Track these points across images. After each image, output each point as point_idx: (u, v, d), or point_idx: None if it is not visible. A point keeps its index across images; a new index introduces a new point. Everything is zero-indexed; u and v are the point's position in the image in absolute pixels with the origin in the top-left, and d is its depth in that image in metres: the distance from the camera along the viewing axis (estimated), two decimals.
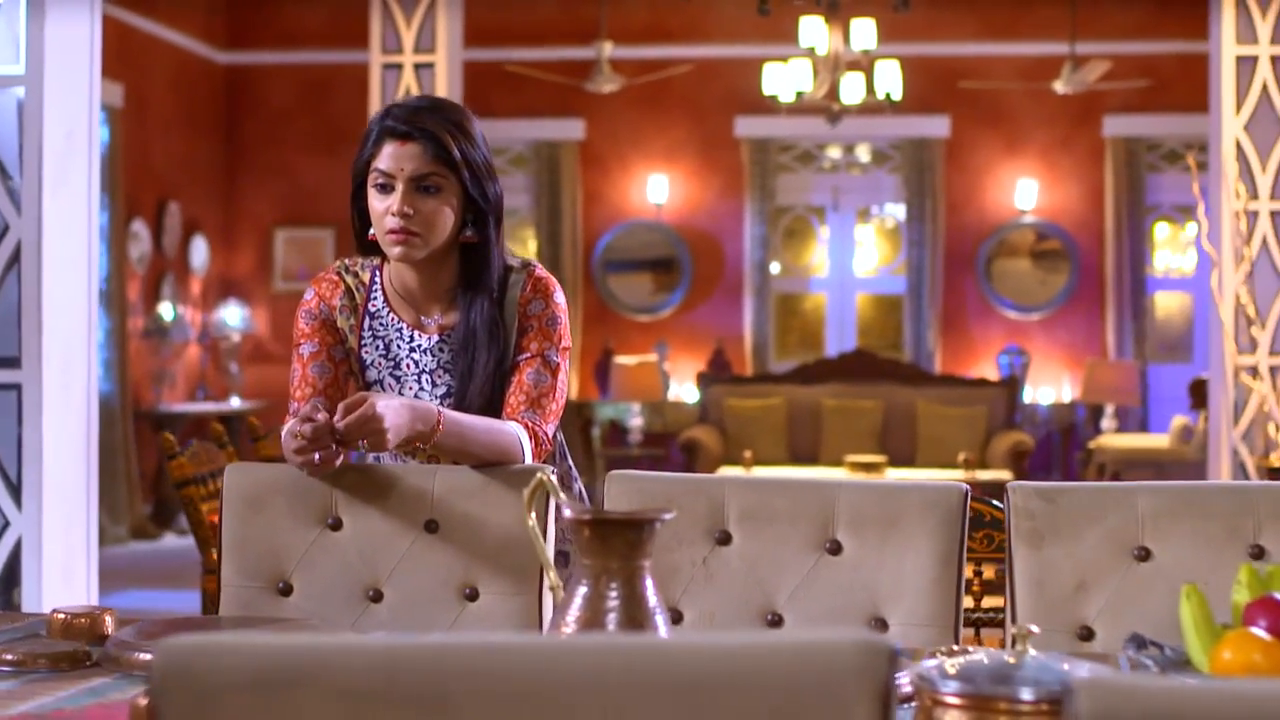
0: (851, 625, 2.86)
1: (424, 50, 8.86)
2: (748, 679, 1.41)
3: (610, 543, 2.16)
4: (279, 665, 1.45)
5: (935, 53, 13.00)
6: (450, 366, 3.23)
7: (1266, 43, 8.29)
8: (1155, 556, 2.83)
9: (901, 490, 2.90)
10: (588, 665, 1.43)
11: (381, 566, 3.10)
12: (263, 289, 13.73)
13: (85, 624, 2.75)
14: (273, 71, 13.68)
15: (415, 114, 3.16)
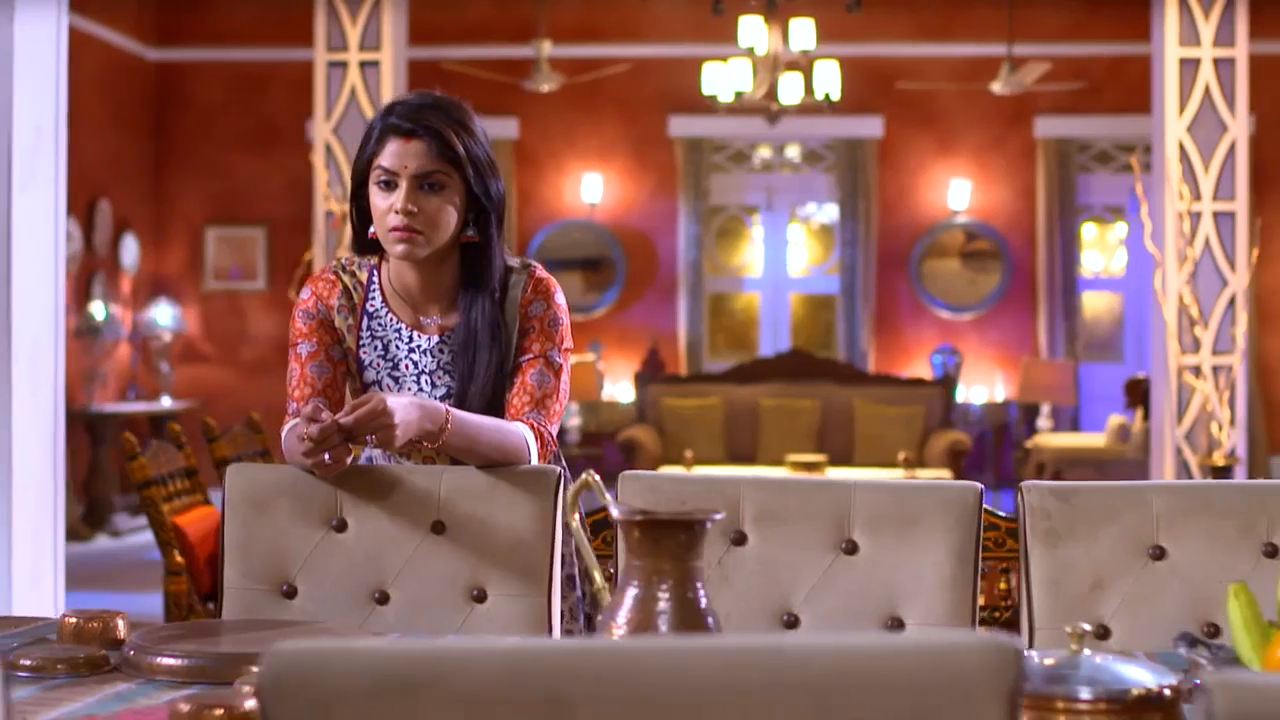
0: (869, 625, 2.86)
1: (369, 48, 8.81)
2: (876, 681, 1.40)
3: (662, 543, 2.14)
4: (396, 670, 1.43)
5: (869, 53, 13.05)
6: (450, 367, 3.21)
7: (1209, 45, 8.37)
8: (1170, 555, 2.84)
9: (917, 490, 2.90)
10: (713, 668, 1.41)
11: (388, 568, 3.07)
12: (194, 288, 13.62)
13: (97, 628, 2.71)
14: (204, 69, 13.56)
15: (419, 111, 3.13)
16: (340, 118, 8.85)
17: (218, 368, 13.59)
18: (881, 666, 1.41)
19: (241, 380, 13.52)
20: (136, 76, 13.28)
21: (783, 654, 1.41)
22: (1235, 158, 8.38)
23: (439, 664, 1.43)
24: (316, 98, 8.90)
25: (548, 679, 1.42)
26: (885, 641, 1.43)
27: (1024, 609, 2.87)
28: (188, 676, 2.48)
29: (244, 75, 13.55)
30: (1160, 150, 8.47)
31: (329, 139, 8.85)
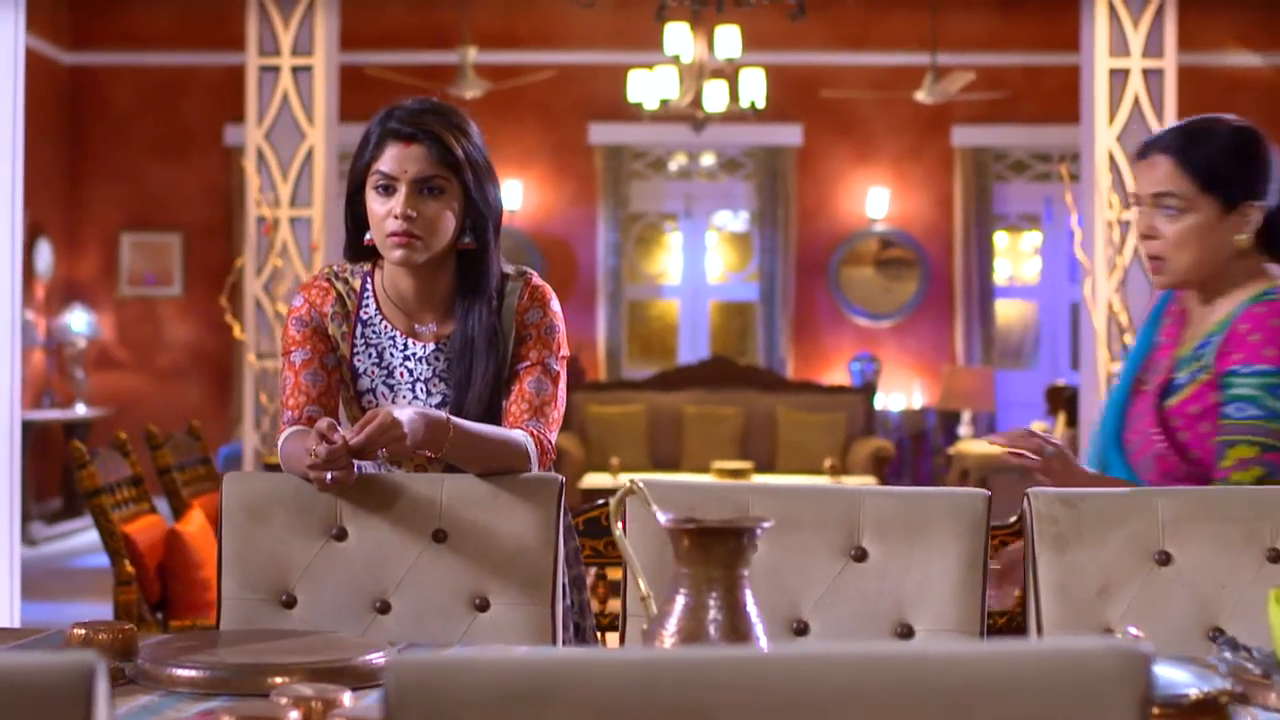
0: (879, 632, 2.87)
1: (302, 53, 8.74)
2: (1007, 687, 1.41)
3: (713, 551, 2.14)
4: (525, 681, 1.42)
5: (789, 61, 13.10)
6: (446, 375, 3.18)
7: (1139, 55, 8.47)
8: (1175, 560, 2.87)
9: (926, 497, 2.91)
10: (847, 675, 1.41)
11: (389, 577, 3.05)
12: (109, 294, 13.46)
13: (107, 640, 2.67)
14: (119, 73, 13.41)
15: (419, 116, 3.12)
16: (272, 123, 8.78)
17: (133, 374, 13.44)
18: (1012, 672, 1.41)
19: (157, 387, 13.38)
20: (50, 80, 13.11)
21: (918, 661, 1.41)
22: None
23: (569, 674, 1.42)
24: (248, 102, 8.82)
25: (683, 689, 1.41)
26: (1017, 648, 1.43)
27: (1032, 614, 2.89)
28: (209, 688, 2.46)
29: (160, 79, 13.41)
30: (1090, 159, 8.57)
31: (261, 144, 8.78)
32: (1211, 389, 3.06)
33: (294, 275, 8.78)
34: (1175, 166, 3.09)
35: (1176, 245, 3.10)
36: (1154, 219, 3.12)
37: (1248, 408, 3.00)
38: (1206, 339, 3.12)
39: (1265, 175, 3.13)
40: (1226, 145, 3.10)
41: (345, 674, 2.48)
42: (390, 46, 12.95)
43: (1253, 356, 3.01)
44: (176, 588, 5.53)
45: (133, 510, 5.63)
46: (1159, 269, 3.15)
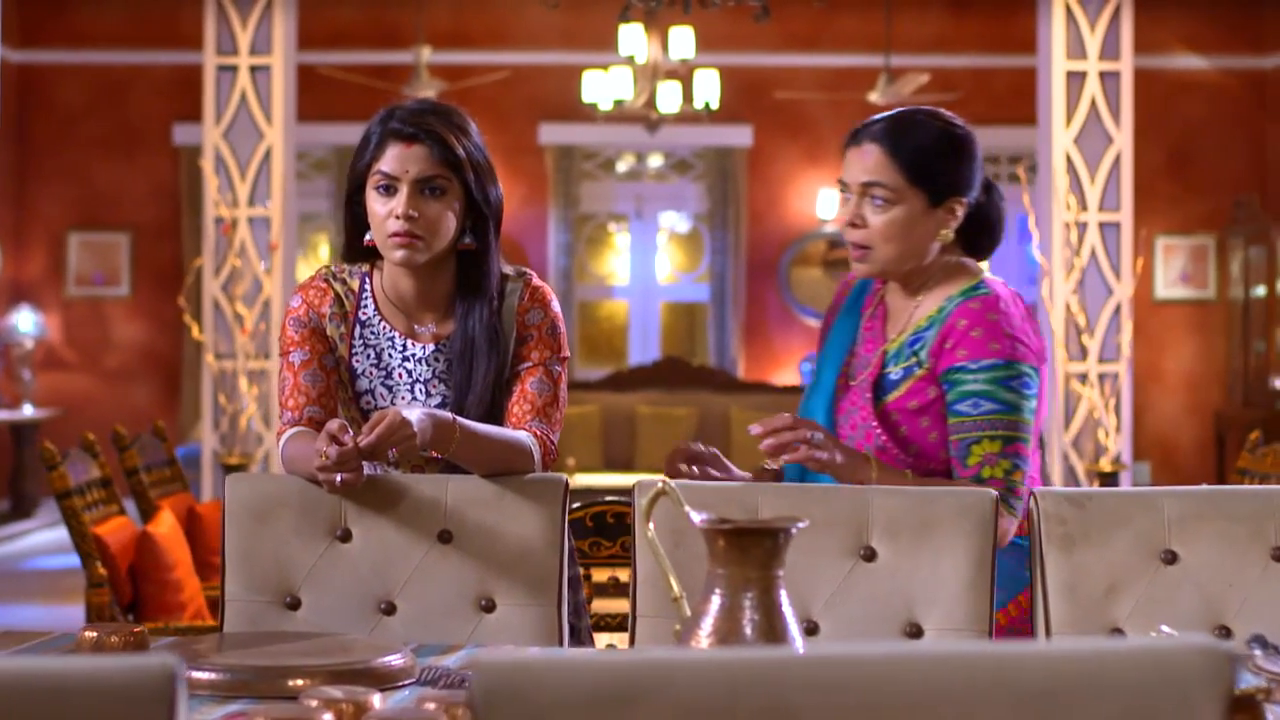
0: (888, 631, 2.88)
1: (260, 52, 8.70)
2: (1095, 685, 1.42)
3: (749, 552, 2.15)
4: (614, 682, 1.42)
5: (740, 63, 13.12)
6: (445, 376, 3.17)
7: (1095, 59, 8.53)
8: (1182, 559, 2.89)
9: (935, 496, 2.92)
10: (931, 675, 1.42)
11: (394, 578, 3.05)
12: (56, 294, 13.35)
13: (119, 643, 2.65)
14: (66, 71, 13.30)
15: (420, 116, 3.11)
16: (230, 122, 8.73)
17: (81, 375, 13.33)
18: (1100, 671, 1.42)
19: (105, 388, 13.28)
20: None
21: (1003, 660, 1.42)
22: (1120, 169, 8.55)
23: (657, 675, 1.42)
24: (205, 102, 8.78)
25: (769, 690, 1.41)
26: (1104, 646, 1.44)
27: (1039, 613, 2.91)
28: (229, 691, 2.45)
29: (108, 78, 13.31)
30: (1047, 162, 8.63)
31: (219, 143, 8.73)
32: (929, 384, 3.08)
33: (252, 275, 8.74)
34: (886, 157, 3.08)
35: (883, 236, 3.10)
36: (862, 208, 3.11)
37: (983, 403, 3.02)
38: (917, 334, 3.12)
39: (971, 172, 3.15)
40: (937, 140, 3.11)
41: (366, 676, 2.47)
42: (344, 46, 12.90)
43: (978, 352, 3.03)
44: (148, 589, 5.50)
45: (102, 512, 5.58)
46: (863, 257, 3.14)
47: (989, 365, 3.03)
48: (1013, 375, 3.04)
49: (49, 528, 12.18)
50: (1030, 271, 13.61)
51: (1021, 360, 3.05)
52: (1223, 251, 12.97)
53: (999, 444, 3.02)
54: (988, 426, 3.02)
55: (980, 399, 3.02)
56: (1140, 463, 12.53)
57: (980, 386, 3.03)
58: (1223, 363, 13.01)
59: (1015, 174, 13.27)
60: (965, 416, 3.04)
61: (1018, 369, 3.04)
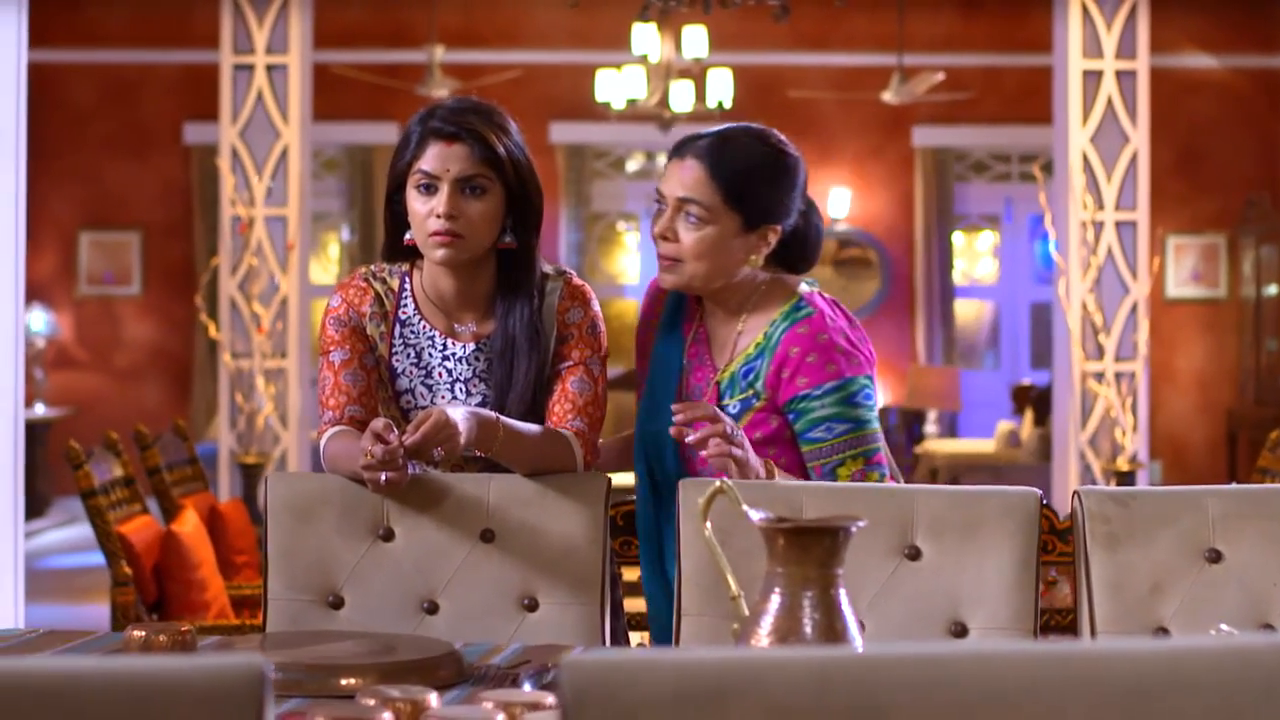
0: (933, 630, 2.88)
1: (276, 51, 8.70)
2: (1184, 682, 1.42)
3: (809, 551, 2.15)
4: (704, 681, 1.42)
5: (750, 61, 13.11)
6: (486, 376, 3.17)
7: (1112, 57, 8.53)
8: (1226, 558, 2.90)
9: (979, 495, 2.93)
10: (1023, 672, 1.42)
11: (437, 577, 3.05)
12: (67, 293, 13.35)
13: (166, 642, 2.65)
14: (76, 70, 13.30)
15: (460, 115, 3.10)
16: (246, 121, 8.73)
17: (92, 374, 13.34)
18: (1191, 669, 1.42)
19: (117, 387, 13.28)
20: None
21: (1096, 658, 1.42)
22: (1137, 168, 8.55)
23: (747, 673, 1.42)
24: (222, 101, 8.78)
25: (859, 688, 1.41)
26: (1194, 645, 1.44)
27: (1084, 612, 2.91)
28: (281, 690, 2.44)
29: (118, 77, 13.31)
30: (1063, 161, 8.62)
31: (235, 143, 8.74)
32: (769, 414, 3.07)
33: (268, 274, 8.74)
34: (706, 175, 3.06)
35: (693, 253, 3.07)
36: (675, 222, 3.09)
37: (835, 425, 3.03)
38: (748, 363, 3.11)
39: (789, 200, 3.13)
40: (760, 165, 3.09)
41: (417, 675, 2.47)
42: (356, 45, 12.89)
43: (818, 377, 3.03)
44: (173, 589, 5.49)
45: (125, 511, 5.58)
46: (671, 269, 3.12)
47: (831, 388, 3.03)
48: (854, 391, 3.05)
49: (62, 526, 12.20)
50: (1040, 270, 13.63)
51: (857, 374, 3.06)
52: (1234, 250, 12.97)
53: (861, 460, 3.05)
54: (846, 447, 3.04)
55: (832, 422, 3.03)
56: (1152, 462, 12.53)
57: (829, 410, 3.03)
58: (1234, 362, 13.00)
59: (1027, 173, 13.27)
60: (822, 442, 3.04)
61: (857, 384, 3.06)
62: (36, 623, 5.46)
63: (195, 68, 12.57)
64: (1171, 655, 1.43)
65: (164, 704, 1.43)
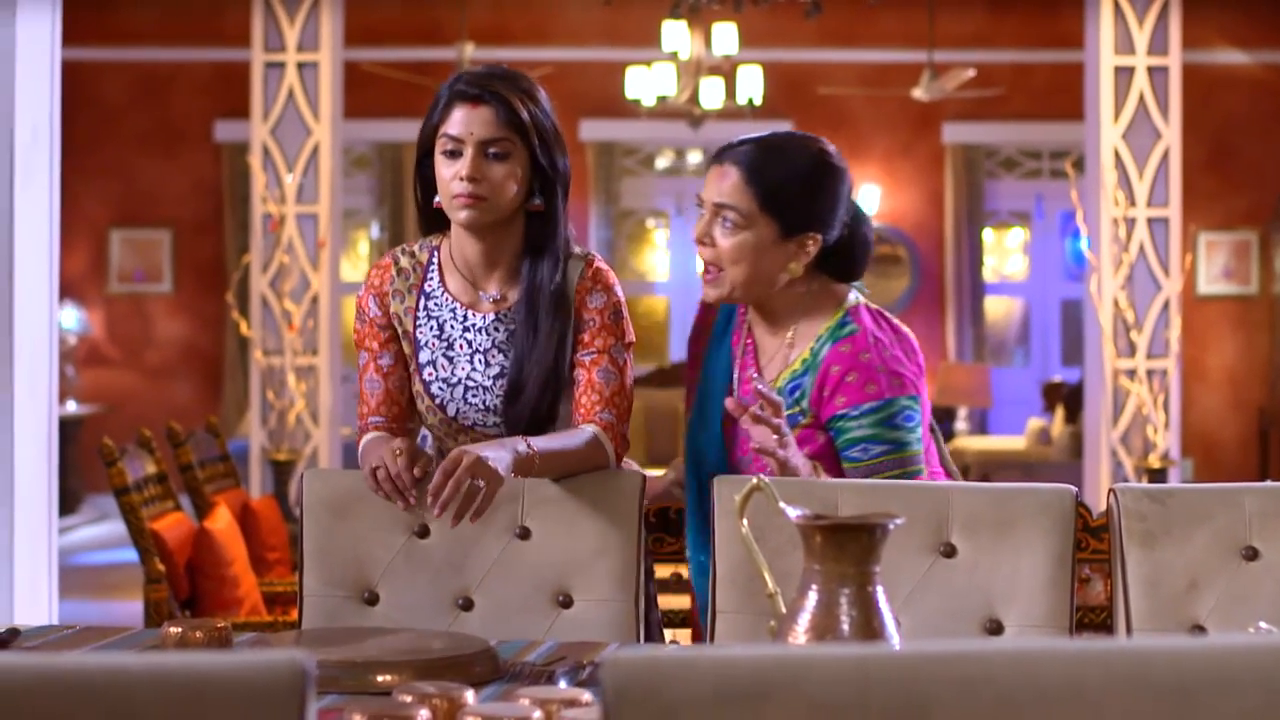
0: (968, 628, 2.88)
1: (308, 49, 8.73)
2: (1230, 681, 1.41)
3: (846, 548, 2.15)
4: (745, 678, 1.42)
5: (780, 58, 13.10)
6: (505, 347, 3.18)
7: (1144, 54, 8.50)
8: (1263, 556, 2.89)
9: (1014, 492, 2.92)
10: (1066, 670, 1.42)
11: (472, 574, 3.06)
12: (98, 291, 13.39)
13: (203, 638, 2.66)
14: (107, 68, 13.34)
15: (486, 79, 3.12)
16: (278, 119, 8.76)
17: (123, 371, 13.38)
18: (1234, 667, 1.42)
19: (147, 384, 13.33)
20: None
21: (1138, 656, 1.42)
22: (1169, 164, 8.53)
23: (788, 671, 1.42)
24: (253, 99, 8.80)
25: (901, 685, 1.41)
26: (1237, 642, 1.44)
27: (1120, 610, 2.91)
28: (319, 687, 2.44)
29: (149, 75, 13.35)
30: (1095, 157, 8.60)
31: (266, 140, 8.76)
32: (815, 431, 3.07)
33: (299, 272, 8.76)
34: (743, 181, 3.06)
35: (729, 259, 3.07)
36: (712, 228, 3.09)
37: (872, 447, 3.02)
38: (795, 380, 3.10)
39: (830, 209, 3.10)
40: (798, 172, 3.07)
41: (453, 671, 2.47)
42: (386, 43, 12.91)
43: (856, 397, 3.02)
44: (206, 585, 5.51)
45: (158, 508, 5.60)
46: (713, 279, 3.12)
47: (869, 409, 3.02)
48: (894, 412, 3.03)
49: (93, 523, 12.25)
50: (1071, 267, 13.60)
51: (899, 395, 3.04)
52: (1265, 247, 12.91)
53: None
54: (883, 468, 3.03)
55: (869, 443, 3.03)
56: (1184, 460, 12.50)
57: (866, 431, 3.03)
58: (1266, 359, 12.95)
59: (1058, 169, 13.24)
60: (859, 462, 3.04)
61: (897, 405, 3.04)
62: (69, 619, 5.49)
63: (226, 65, 12.60)
64: (1212, 653, 1.42)
65: (207, 700, 1.43)
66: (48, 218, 4.59)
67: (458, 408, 3.17)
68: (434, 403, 3.18)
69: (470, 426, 3.18)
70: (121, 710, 1.42)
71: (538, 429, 3.12)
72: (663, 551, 3.89)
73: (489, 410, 3.16)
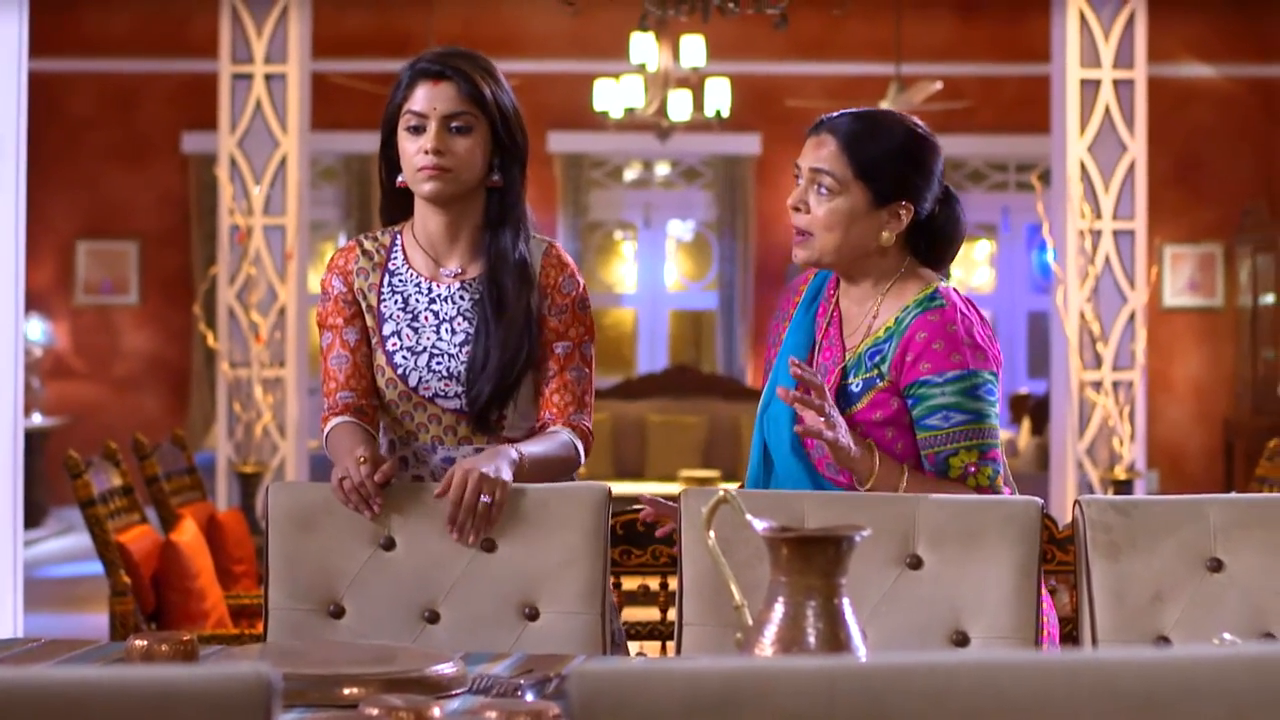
0: (934, 640, 2.88)
1: (275, 61, 8.71)
2: (1192, 693, 1.42)
3: (813, 560, 2.15)
4: (711, 690, 1.42)
5: (747, 70, 13.12)
6: (470, 314, 3.24)
7: (1109, 67, 8.54)
8: (1227, 567, 2.90)
9: (980, 504, 2.93)
10: (1033, 682, 1.42)
11: (438, 587, 3.05)
12: (65, 302, 13.34)
13: (169, 652, 2.65)
14: (74, 80, 13.29)
15: (447, 56, 3.24)
16: (245, 130, 8.74)
17: (89, 383, 13.32)
18: (1202, 678, 1.42)
19: (114, 396, 13.28)
20: None
21: (1105, 667, 1.42)
22: (1134, 177, 8.57)
23: (755, 683, 1.42)
24: (220, 110, 8.78)
25: (865, 698, 1.41)
26: (1204, 654, 1.44)
27: (1085, 622, 2.91)
28: (284, 700, 2.44)
29: (115, 86, 13.31)
30: (1061, 170, 8.63)
31: (233, 152, 8.74)
32: (891, 396, 3.07)
33: (266, 284, 8.74)
34: (839, 149, 3.11)
35: (823, 225, 3.12)
36: (807, 194, 3.15)
37: (953, 415, 3.02)
38: (876, 346, 3.12)
39: (923, 179, 3.15)
40: (893, 141, 3.13)
41: (419, 685, 2.47)
42: (353, 54, 12.89)
43: (941, 365, 3.04)
44: (171, 598, 5.49)
45: (124, 520, 5.58)
46: (803, 243, 3.16)
47: (954, 377, 3.03)
48: (978, 384, 3.05)
49: (59, 535, 12.19)
50: (1037, 280, 13.64)
51: (982, 369, 3.06)
52: (1230, 260, 12.97)
53: (975, 453, 3.04)
54: (962, 438, 3.03)
55: (950, 411, 3.03)
56: (1149, 471, 12.54)
57: (948, 399, 3.03)
58: (1231, 371, 13.01)
59: (1024, 182, 13.28)
60: (937, 430, 3.04)
61: (981, 377, 3.06)
62: (34, 632, 5.47)
63: (194, 77, 12.57)
64: (1177, 665, 1.43)
65: (173, 714, 1.43)
66: (14, 229, 4.58)
67: (420, 376, 3.22)
68: (395, 374, 3.23)
69: (431, 399, 3.21)
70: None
71: (500, 399, 3.19)
72: (630, 564, 3.90)
73: (451, 378, 3.21)
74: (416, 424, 3.24)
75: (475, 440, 3.21)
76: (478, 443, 3.21)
